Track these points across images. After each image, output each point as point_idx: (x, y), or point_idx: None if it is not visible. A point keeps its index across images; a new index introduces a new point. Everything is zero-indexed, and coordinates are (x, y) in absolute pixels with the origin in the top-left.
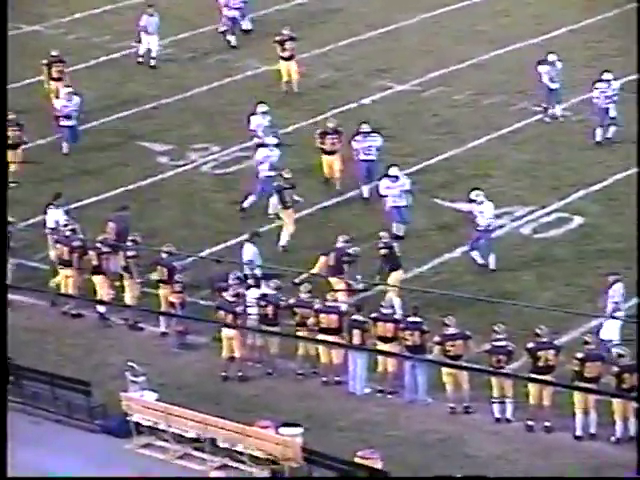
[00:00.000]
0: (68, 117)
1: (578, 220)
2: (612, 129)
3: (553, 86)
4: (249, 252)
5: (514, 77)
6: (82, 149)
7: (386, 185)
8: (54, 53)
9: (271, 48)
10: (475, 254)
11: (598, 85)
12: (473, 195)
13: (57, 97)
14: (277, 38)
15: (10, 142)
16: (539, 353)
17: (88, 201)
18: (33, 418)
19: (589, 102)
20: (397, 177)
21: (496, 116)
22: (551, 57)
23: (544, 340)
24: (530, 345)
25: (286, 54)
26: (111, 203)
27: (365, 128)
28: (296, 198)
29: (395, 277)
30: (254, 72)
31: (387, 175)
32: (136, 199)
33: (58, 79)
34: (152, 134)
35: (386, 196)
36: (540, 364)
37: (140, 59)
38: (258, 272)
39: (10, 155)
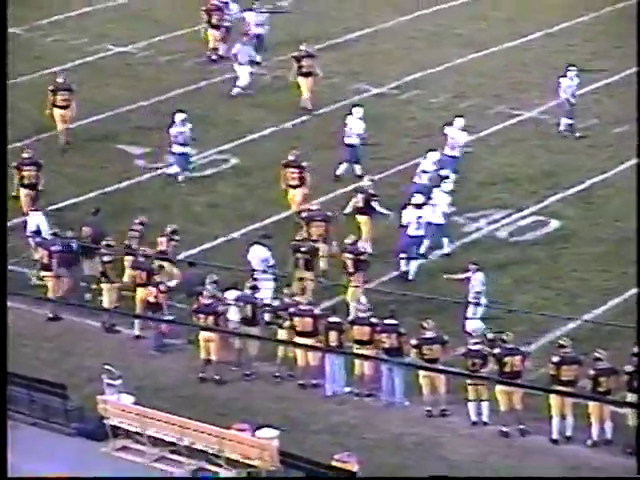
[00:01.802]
0: (184, 145)
1: (555, 224)
2: None
3: (573, 101)
4: (257, 254)
5: (491, 80)
6: (59, 152)
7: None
8: (60, 80)
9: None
10: (414, 264)
11: None
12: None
13: (64, 123)
14: (295, 54)
15: (26, 182)
16: (505, 359)
17: (65, 204)
18: (10, 422)
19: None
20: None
21: (473, 119)
22: (571, 70)
23: (510, 346)
24: (496, 351)
25: (303, 71)
26: (88, 206)
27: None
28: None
29: (358, 278)
30: (231, 75)
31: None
32: (113, 202)
33: (64, 107)
34: (129, 137)
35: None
36: (506, 370)
37: (251, 91)
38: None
39: (23, 194)
